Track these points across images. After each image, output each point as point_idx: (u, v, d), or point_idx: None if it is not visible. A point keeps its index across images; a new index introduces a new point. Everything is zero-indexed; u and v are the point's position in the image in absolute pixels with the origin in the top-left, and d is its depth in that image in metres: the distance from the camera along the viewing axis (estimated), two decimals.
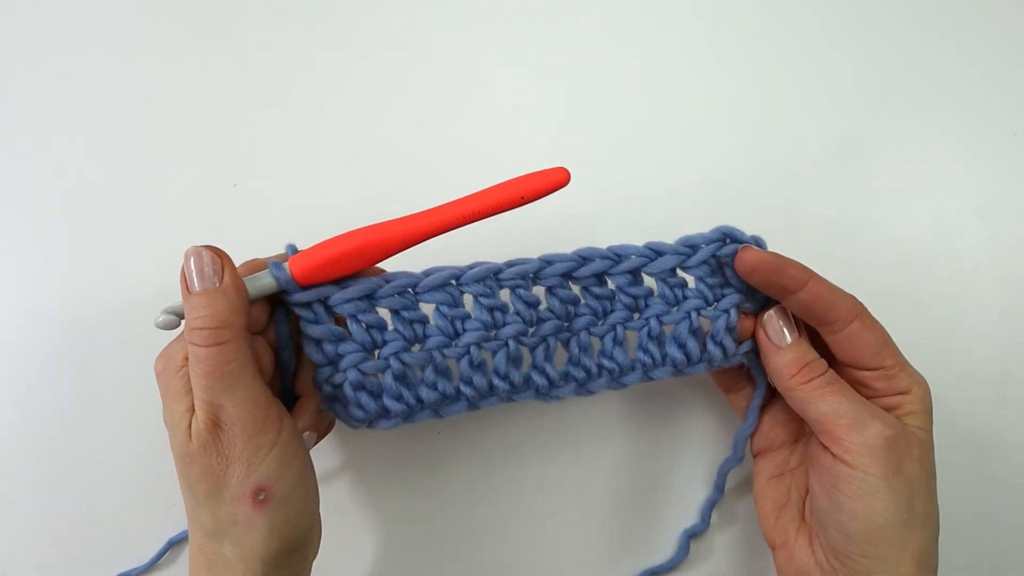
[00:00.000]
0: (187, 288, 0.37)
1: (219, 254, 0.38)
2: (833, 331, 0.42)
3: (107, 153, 0.52)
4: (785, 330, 0.43)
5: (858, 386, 0.42)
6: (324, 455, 0.49)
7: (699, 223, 0.53)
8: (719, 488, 0.49)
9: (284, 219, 0.52)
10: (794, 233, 0.54)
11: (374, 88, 0.54)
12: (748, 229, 0.53)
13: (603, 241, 0.52)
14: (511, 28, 0.56)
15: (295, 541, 0.38)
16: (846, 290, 0.42)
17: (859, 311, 0.41)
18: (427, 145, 0.54)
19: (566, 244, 0.52)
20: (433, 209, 0.39)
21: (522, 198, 0.39)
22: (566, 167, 0.39)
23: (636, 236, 0.53)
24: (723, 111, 0.56)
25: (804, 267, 0.41)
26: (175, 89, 0.53)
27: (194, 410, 0.37)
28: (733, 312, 0.43)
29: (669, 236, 0.44)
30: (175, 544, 0.47)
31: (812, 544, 0.42)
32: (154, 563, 0.47)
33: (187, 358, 0.37)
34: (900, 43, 0.58)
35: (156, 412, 0.38)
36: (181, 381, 0.37)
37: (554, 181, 0.39)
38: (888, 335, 0.42)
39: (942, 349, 0.53)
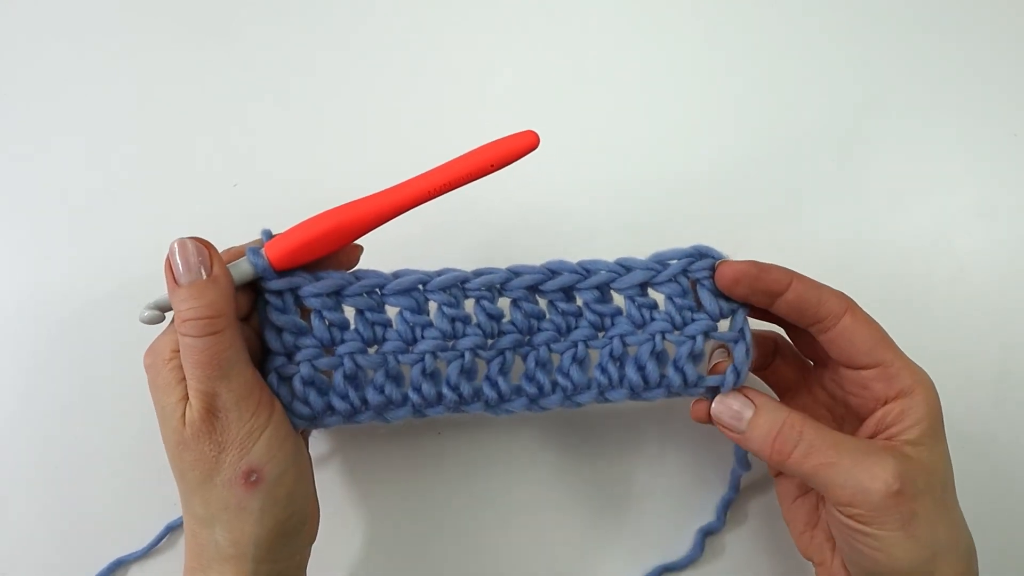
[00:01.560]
0: (175, 280, 0.37)
1: (204, 244, 0.38)
2: (824, 329, 0.40)
3: (107, 152, 0.52)
4: (736, 415, 0.40)
5: (860, 390, 0.41)
6: (321, 450, 0.50)
7: (699, 223, 0.54)
8: (734, 487, 0.48)
9: (284, 219, 0.52)
10: (794, 234, 0.54)
11: (374, 88, 0.55)
12: (748, 229, 0.54)
13: (601, 240, 0.53)
14: (511, 28, 0.56)
15: (288, 523, 0.38)
16: (844, 291, 0.41)
17: (848, 305, 0.40)
18: (427, 144, 0.53)
19: (563, 242, 0.52)
20: (404, 183, 0.39)
21: (491, 165, 0.38)
22: (535, 130, 0.38)
23: (634, 236, 0.53)
24: (723, 112, 0.56)
25: (785, 269, 0.41)
26: (175, 89, 0.53)
27: (187, 399, 0.37)
28: (699, 339, 0.41)
29: (668, 237, 0.44)
30: (173, 529, 0.48)
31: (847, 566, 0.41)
32: (152, 548, 0.47)
33: (175, 350, 0.37)
34: (900, 43, 0.58)
35: (152, 404, 0.39)
36: (171, 373, 0.37)
37: (523, 145, 0.38)
38: (883, 330, 0.41)
39: (942, 349, 0.53)
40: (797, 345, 0.46)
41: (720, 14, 0.58)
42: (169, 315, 0.38)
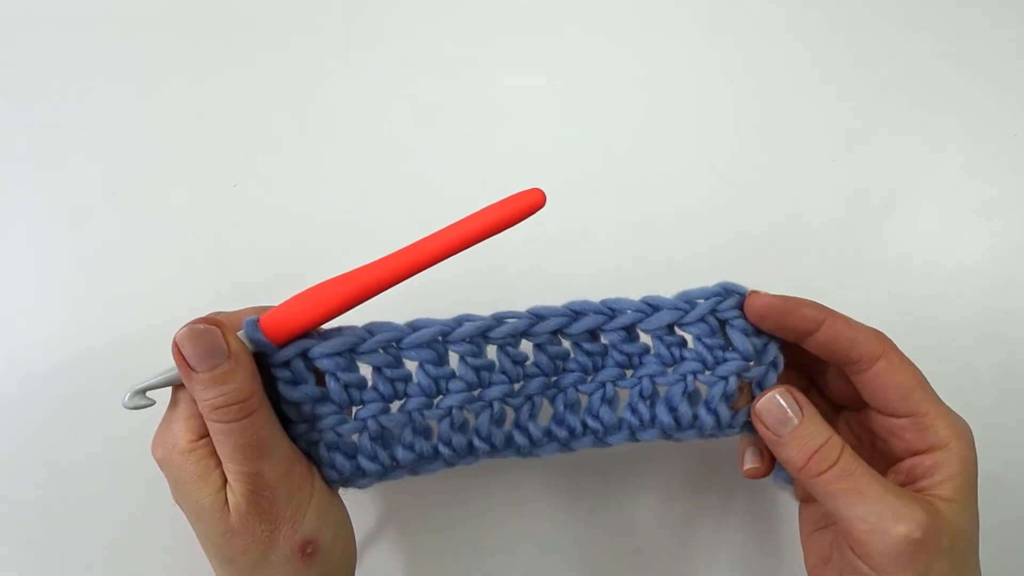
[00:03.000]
0: (190, 367, 0.34)
1: (216, 323, 0.35)
2: (857, 371, 0.38)
3: (106, 152, 0.52)
4: (782, 418, 0.37)
5: (889, 437, 0.39)
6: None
7: (699, 222, 0.54)
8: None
9: (284, 219, 0.52)
10: (794, 234, 0.54)
11: (375, 88, 0.54)
12: (748, 229, 0.54)
13: (602, 247, 0.53)
14: (511, 32, 0.56)
15: None
16: (844, 289, 0.41)
17: (885, 348, 0.37)
18: (427, 145, 0.54)
19: (564, 252, 0.52)
20: (406, 249, 0.37)
21: (499, 226, 0.37)
22: (540, 188, 0.37)
23: (633, 234, 0.53)
24: (723, 113, 0.56)
25: (818, 306, 0.38)
26: (175, 89, 0.53)
27: (225, 487, 0.35)
28: (732, 380, 0.39)
29: (667, 237, 0.44)
30: None
31: None
32: None
33: (194, 439, 0.35)
34: (900, 44, 0.58)
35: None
36: (197, 464, 0.35)
37: (530, 204, 0.37)
38: (922, 376, 0.38)
39: (942, 349, 0.53)
40: (828, 382, 0.43)
41: (719, 17, 0.58)
42: (157, 395, 0.36)
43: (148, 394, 0.36)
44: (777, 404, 0.38)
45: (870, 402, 0.39)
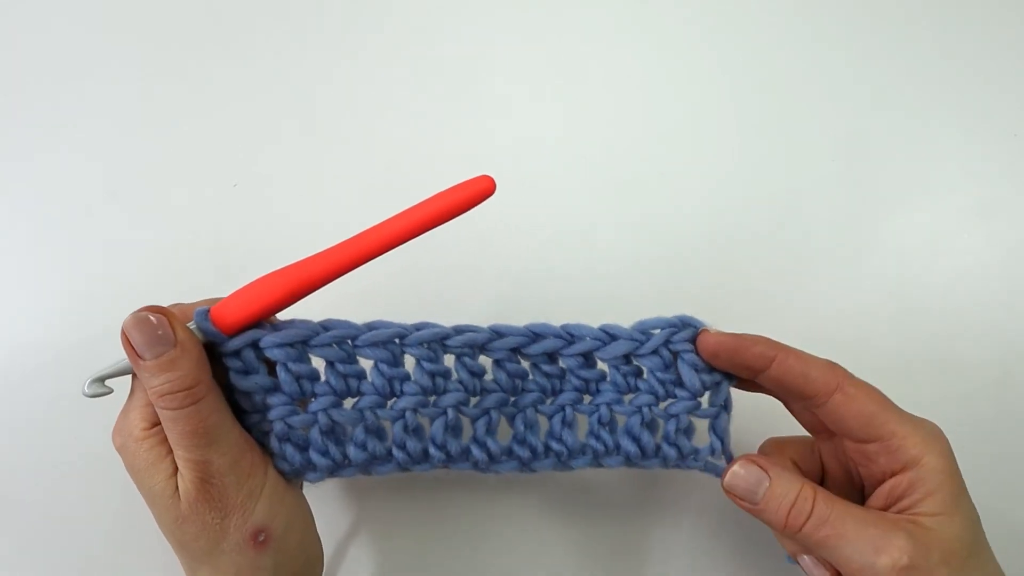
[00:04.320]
0: (137, 355, 0.34)
1: (162, 311, 0.35)
2: (815, 405, 0.38)
3: (106, 152, 0.52)
4: (751, 488, 0.38)
5: (864, 461, 0.39)
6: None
7: (699, 222, 0.54)
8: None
9: (284, 219, 0.52)
10: (794, 234, 0.54)
11: (375, 88, 0.55)
12: (748, 229, 0.54)
13: (602, 247, 0.53)
14: (511, 32, 0.57)
15: (301, 572, 0.38)
16: (844, 290, 0.40)
17: (838, 382, 0.38)
18: (427, 145, 0.54)
19: (565, 252, 0.52)
20: (355, 237, 0.37)
21: (448, 213, 0.37)
22: (490, 175, 0.37)
23: (633, 234, 0.53)
24: (723, 113, 0.56)
25: (769, 342, 0.39)
26: (175, 88, 0.53)
27: (175, 474, 0.35)
28: (683, 418, 0.40)
29: (666, 236, 0.44)
30: None
31: None
32: None
33: (147, 427, 0.36)
34: (900, 44, 0.58)
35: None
36: (150, 451, 0.36)
37: (479, 191, 0.37)
38: (882, 398, 0.38)
39: (942, 349, 0.53)
40: (795, 414, 0.43)
41: (719, 15, 0.58)
42: (116, 383, 0.36)
43: (109, 383, 0.36)
44: (741, 476, 0.38)
45: (837, 431, 0.39)
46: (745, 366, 0.39)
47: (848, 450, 0.40)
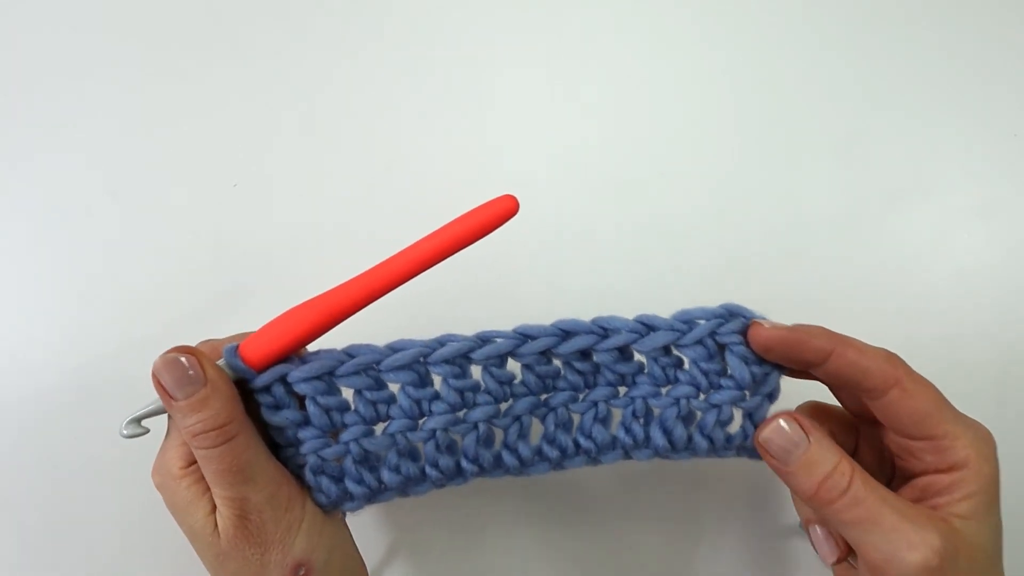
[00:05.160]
0: (169, 396, 0.35)
1: (191, 351, 0.35)
2: (870, 399, 0.37)
3: (106, 152, 0.52)
4: (788, 447, 0.36)
5: (907, 456, 0.38)
6: None
7: (699, 222, 0.54)
8: None
9: (284, 219, 0.52)
10: (794, 234, 0.54)
11: (375, 88, 0.54)
12: (748, 229, 0.54)
13: (602, 248, 0.53)
14: (512, 32, 0.56)
15: None
16: (843, 289, 0.40)
17: (897, 377, 0.36)
18: (427, 145, 0.54)
19: (565, 253, 0.52)
20: (380, 265, 0.37)
21: (473, 235, 0.36)
22: (513, 195, 0.36)
23: (634, 234, 0.53)
24: (723, 113, 0.56)
25: (828, 335, 0.37)
26: (175, 88, 0.53)
27: (215, 510, 0.36)
28: (726, 409, 0.38)
29: (665, 236, 0.43)
30: None
31: None
32: None
33: (184, 465, 0.36)
34: (900, 43, 0.58)
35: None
36: (189, 489, 0.36)
37: (503, 212, 0.36)
38: (938, 396, 0.37)
39: (942, 350, 0.53)
40: (842, 402, 0.42)
41: (720, 15, 0.58)
42: (153, 423, 0.36)
43: (145, 423, 0.36)
44: (782, 432, 0.36)
45: (886, 425, 0.38)
46: (802, 361, 0.37)
47: (891, 442, 0.39)
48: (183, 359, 0.35)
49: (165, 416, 0.36)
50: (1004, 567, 0.38)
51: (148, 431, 0.36)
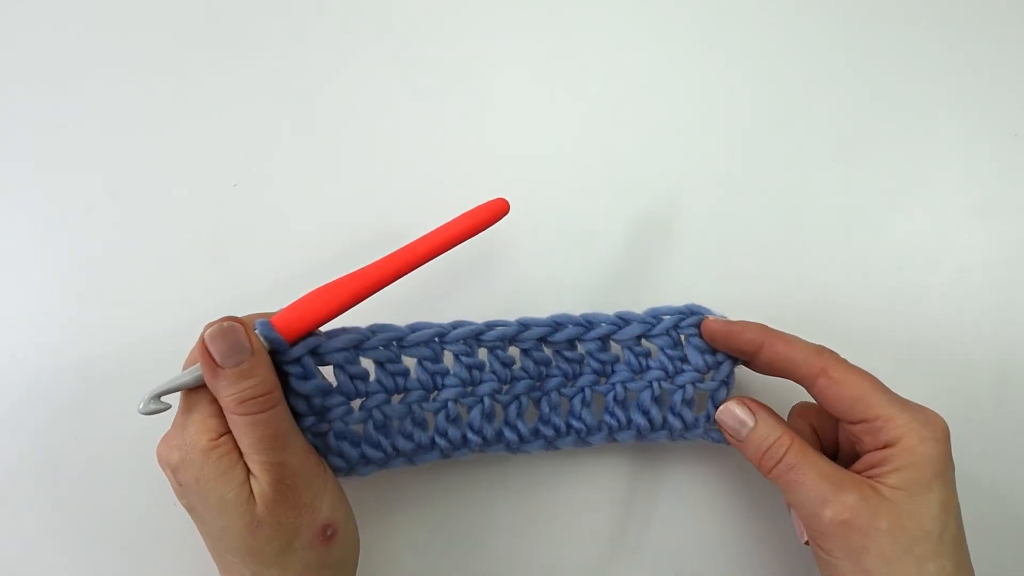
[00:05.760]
0: (217, 364, 0.37)
1: (240, 322, 0.38)
2: (806, 387, 0.42)
3: (106, 152, 0.52)
4: (737, 424, 0.43)
5: (854, 440, 0.42)
6: None
7: (699, 222, 0.54)
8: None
9: (284, 219, 0.52)
10: (793, 234, 0.54)
11: (375, 88, 0.54)
12: (748, 228, 0.54)
13: (602, 247, 0.53)
14: (512, 32, 0.56)
15: (355, 561, 0.42)
16: (846, 290, 0.41)
17: (823, 367, 0.41)
18: (427, 145, 0.54)
19: (565, 253, 0.52)
20: (394, 254, 0.41)
21: (468, 233, 0.42)
22: (505, 198, 0.43)
23: (635, 240, 0.53)
24: (723, 113, 0.56)
25: (760, 329, 0.43)
26: (175, 89, 0.53)
27: (248, 480, 0.37)
28: (689, 388, 0.45)
29: (666, 235, 0.43)
30: None
31: None
32: None
33: (214, 437, 0.37)
34: (900, 43, 0.58)
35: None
36: (220, 460, 0.37)
37: (495, 212, 0.42)
38: (872, 384, 0.41)
39: (942, 350, 0.53)
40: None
41: (720, 15, 0.58)
42: (172, 400, 0.38)
43: (165, 399, 0.38)
44: (732, 413, 0.44)
45: (829, 411, 0.42)
46: (739, 350, 0.44)
47: (841, 428, 0.44)
48: (232, 327, 0.37)
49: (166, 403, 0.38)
50: (1003, 564, 0.38)
51: (168, 407, 0.38)
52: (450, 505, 0.50)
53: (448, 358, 0.44)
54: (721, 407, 0.44)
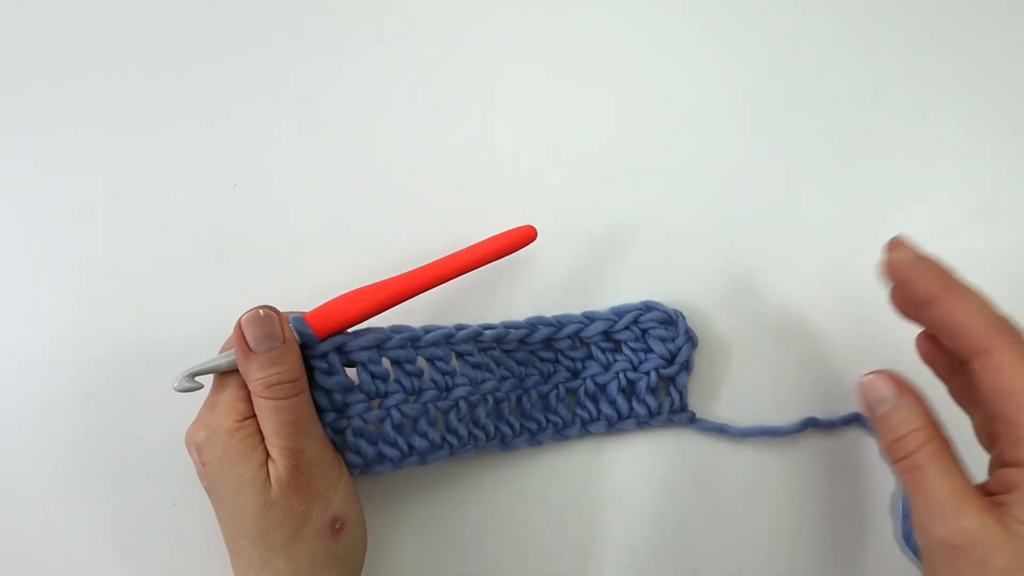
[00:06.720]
0: (251, 350, 0.38)
1: (275, 311, 0.40)
2: (964, 362, 0.36)
3: (106, 152, 0.52)
4: (877, 399, 0.37)
5: (990, 438, 0.37)
6: None
7: (699, 222, 0.54)
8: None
9: (284, 219, 0.52)
10: (793, 234, 0.54)
11: (376, 88, 0.54)
12: (748, 228, 0.54)
13: (602, 246, 0.53)
14: (512, 32, 0.56)
15: (362, 559, 0.43)
16: (846, 291, 0.40)
17: (991, 347, 0.34)
18: (427, 146, 0.54)
19: (565, 252, 0.52)
20: (426, 266, 0.44)
21: (495, 255, 0.45)
22: (533, 225, 0.46)
23: (635, 240, 0.53)
24: (723, 113, 0.56)
25: (943, 282, 0.36)
26: (175, 89, 0.53)
27: (267, 463, 0.39)
28: (652, 375, 0.48)
29: (666, 233, 0.44)
30: None
31: None
32: None
33: (239, 419, 0.39)
34: (900, 43, 0.58)
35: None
36: (243, 441, 0.39)
37: (522, 238, 0.45)
38: None
39: None
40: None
41: (719, 14, 0.58)
42: (206, 380, 0.40)
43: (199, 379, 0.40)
44: (875, 386, 0.37)
45: (980, 394, 0.36)
46: (911, 297, 0.37)
47: (989, 427, 0.38)
48: (268, 315, 0.39)
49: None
50: None
51: (201, 387, 0.40)
52: (451, 505, 0.50)
53: (452, 359, 0.46)
54: (869, 376, 0.38)
